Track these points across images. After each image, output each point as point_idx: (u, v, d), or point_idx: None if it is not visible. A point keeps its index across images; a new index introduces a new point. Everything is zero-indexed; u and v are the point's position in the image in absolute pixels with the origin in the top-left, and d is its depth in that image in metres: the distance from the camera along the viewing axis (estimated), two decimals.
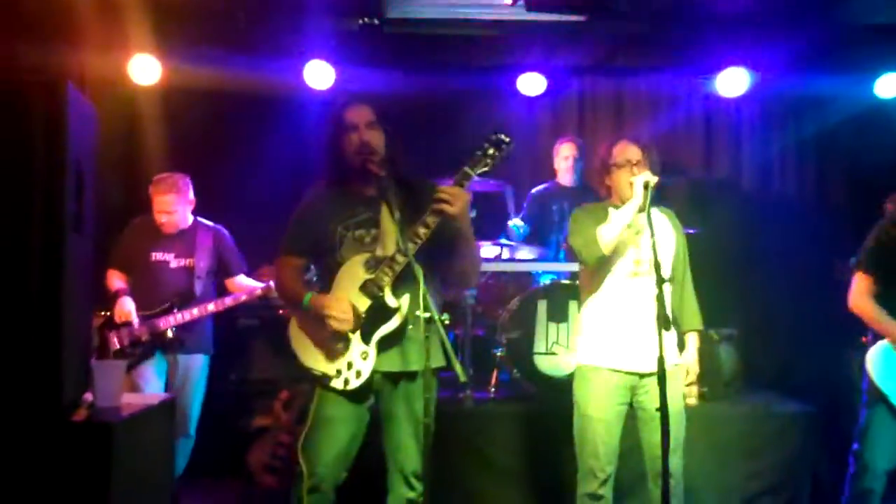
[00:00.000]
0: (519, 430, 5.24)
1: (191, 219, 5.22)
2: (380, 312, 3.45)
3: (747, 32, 6.43)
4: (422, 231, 3.36)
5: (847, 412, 5.62)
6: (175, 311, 4.99)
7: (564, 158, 6.31)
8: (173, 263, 5.10)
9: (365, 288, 3.47)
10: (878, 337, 4.22)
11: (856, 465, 4.26)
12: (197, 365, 5.11)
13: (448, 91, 6.69)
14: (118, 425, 2.85)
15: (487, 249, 6.08)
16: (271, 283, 4.97)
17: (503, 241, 6.05)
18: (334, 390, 3.48)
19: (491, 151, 3.39)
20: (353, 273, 3.50)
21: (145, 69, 6.27)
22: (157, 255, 5.11)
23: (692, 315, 4.13)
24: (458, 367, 3.13)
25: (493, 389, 5.65)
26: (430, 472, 3.21)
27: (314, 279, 4.07)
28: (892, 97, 6.52)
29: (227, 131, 6.63)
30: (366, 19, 6.41)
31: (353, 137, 3.53)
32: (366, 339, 3.46)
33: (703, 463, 5.09)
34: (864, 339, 4.31)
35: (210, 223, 5.28)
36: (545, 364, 5.45)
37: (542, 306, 5.51)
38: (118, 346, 4.93)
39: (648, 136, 4.08)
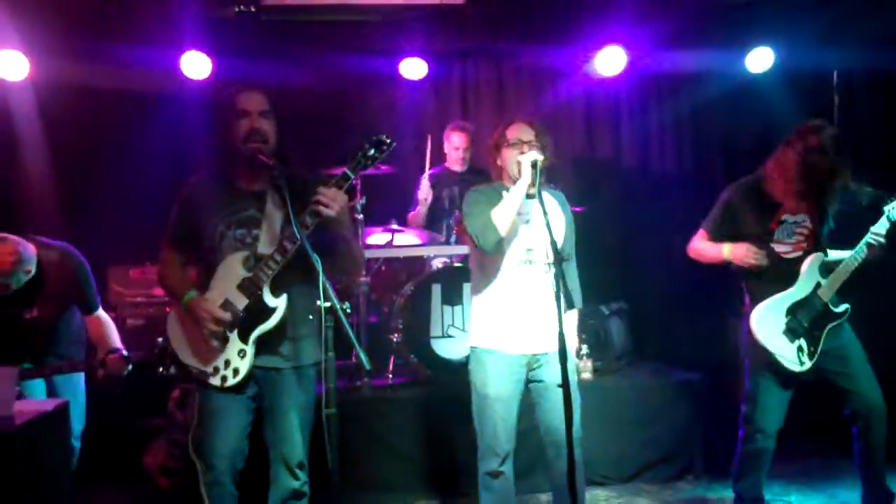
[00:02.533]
0: (417, 414, 5.26)
1: (33, 266, 4.27)
2: (258, 311, 3.45)
3: (623, 10, 6.54)
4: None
5: (732, 378, 5.83)
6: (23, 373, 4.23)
7: (455, 149, 6.32)
8: (26, 314, 4.35)
9: (243, 286, 3.45)
10: (755, 302, 4.37)
11: (747, 428, 4.41)
12: (74, 377, 4.61)
13: (329, 78, 6.62)
14: (15, 434, 2.76)
15: (378, 236, 6.07)
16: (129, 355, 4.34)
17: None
18: (210, 387, 3.48)
19: (371, 153, 3.36)
20: (232, 270, 3.47)
21: (12, 65, 6.00)
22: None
23: (573, 294, 4.20)
24: (362, 356, 3.11)
25: (390, 375, 5.65)
26: (337, 462, 3.19)
27: None
28: (763, 71, 6.74)
29: (103, 126, 6.41)
30: (242, 7, 6.26)
31: (244, 124, 3.46)
32: (243, 337, 3.46)
33: (599, 434, 5.20)
34: (744, 306, 4.46)
35: (54, 249, 4.39)
36: (441, 347, 5.48)
37: (436, 290, 5.53)
38: None
39: (538, 119, 4.11)
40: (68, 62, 6.09)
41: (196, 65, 6.31)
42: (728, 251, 4.35)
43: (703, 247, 4.50)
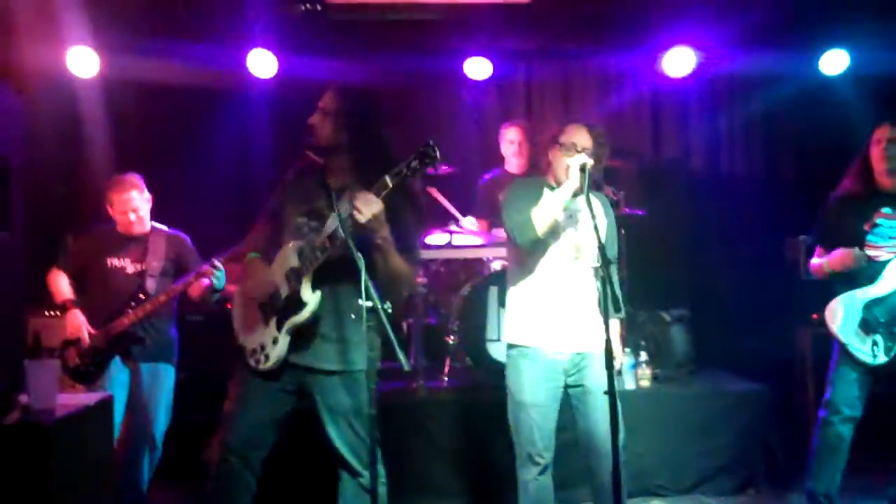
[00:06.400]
0: (471, 417, 5.20)
1: (149, 224, 4.96)
2: (294, 302, 3.48)
3: (692, 11, 6.43)
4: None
5: (799, 389, 5.68)
6: (129, 311, 4.75)
7: (510, 143, 6.16)
8: (129, 269, 4.87)
9: (289, 275, 3.51)
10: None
11: (825, 414, 4.39)
12: (161, 374, 4.88)
13: (393, 77, 6.60)
14: (54, 426, 2.78)
15: (437, 236, 6.04)
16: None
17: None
18: (249, 368, 3.55)
19: (414, 164, 3.25)
20: (285, 258, 3.53)
21: (83, 62, 6.12)
22: (113, 262, 4.87)
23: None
24: (401, 357, 3.07)
25: (445, 378, 5.61)
26: (375, 461, 3.16)
27: None
28: (836, 74, 6.56)
29: (170, 122, 6.53)
30: (308, 5, 6.30)
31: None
32: (279, 325, 3.51)
33: (657, 443, 5.11)
34: (815, 315, 4.41)
35: (166, 228, 5.01)
36: (497, 351, 5.40)
37: (493, 292, 5.46)
38: (78, 362, 4.72)
39: (602, 123, 4.00)
40: (137, 59, 6.17)
41: (262, 63, 6.37)
42: (829, 264, 4.39)
43: (819, 260, 4.51)
